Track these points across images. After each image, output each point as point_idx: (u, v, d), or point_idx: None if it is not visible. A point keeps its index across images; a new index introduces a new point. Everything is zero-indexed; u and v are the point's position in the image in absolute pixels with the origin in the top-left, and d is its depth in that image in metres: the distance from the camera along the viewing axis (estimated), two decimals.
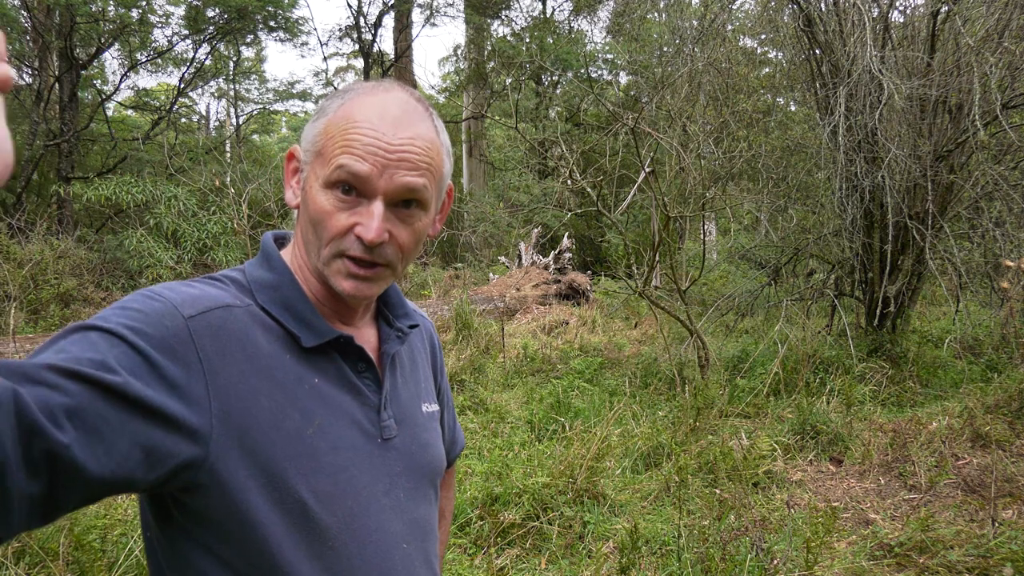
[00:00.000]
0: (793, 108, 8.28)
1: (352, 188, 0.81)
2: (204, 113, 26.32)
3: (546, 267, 11.45)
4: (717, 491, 3.61)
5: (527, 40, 18.12)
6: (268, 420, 0.78)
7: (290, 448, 0.79)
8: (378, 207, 0.81)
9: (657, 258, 6.63)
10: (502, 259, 12.89)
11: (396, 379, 0.95)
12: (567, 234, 12.38)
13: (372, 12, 17.05)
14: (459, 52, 21.51)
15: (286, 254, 0.91)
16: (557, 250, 11.75)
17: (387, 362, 0.94)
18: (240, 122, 24.45)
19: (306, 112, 23.52)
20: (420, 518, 0.93)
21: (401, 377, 0.97)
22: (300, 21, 16.88)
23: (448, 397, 1.16)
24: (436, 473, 0.98)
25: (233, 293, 0.83)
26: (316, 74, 22.80)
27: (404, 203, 0.83)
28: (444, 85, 23.59)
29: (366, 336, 0.95)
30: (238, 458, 0.75)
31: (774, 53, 8.74)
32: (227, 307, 0.80)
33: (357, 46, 17.29)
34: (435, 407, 1.05)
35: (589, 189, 6.51)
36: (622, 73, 16.85)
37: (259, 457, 0.77)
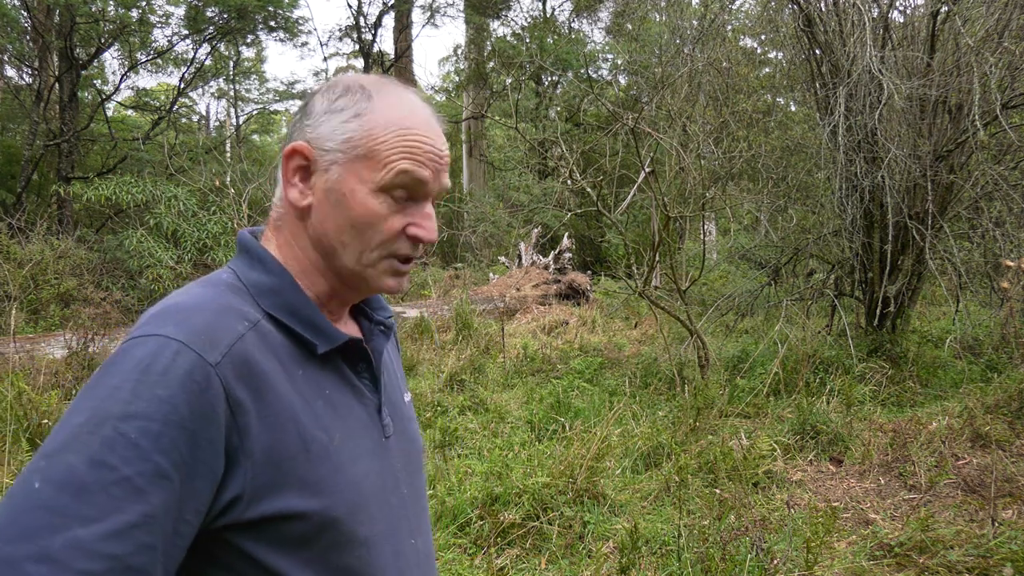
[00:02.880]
0: (793, 108, 8.28)
1: (406, 191, 0.84)
2: (204, 113, 26.35)
3: (546, 267, 11.45)
4: (717, 491, 3.61)
5: (527, 40, 18.12)
6: (297, 446, 0.77)
7: (321, 468, 0.79)
8: (431, 209, 0.86)
9: (657, 258, 6.63)
10: (502, 259, 12.89)
11: (385, 375, 0.95)
12: (567, 234, 12.38)
13: (372, 12, 17.08)
14: (459, 52, 21.53)
15: (275, 253, 0.87)
16: (557, 250, 11.75)
17: (378, 360, 0.93)
18: (240, 122, 24.46)
19: None
20: (422, 510, 0.96)
21: (387, 372, 0.97)
22: (300, 21, 16.91)
23: None
24: (423, 462, 1.02)
25: (238, 304, 0.80)
26: (316, 74, 22.77)
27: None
28: (444, 85, 23.60)
29: (352, 333, 0.93)
30: (272, 488, 0.75)
31: (774, 53, 8.74)
32: (241, 338, 0.77)
33: (357, 46, 17.31)
34: (409, 394, 1.07)
35: (589, 189, 6.51)
36: (622, 73, 16.85)
37: (292, 482, 0.76)
